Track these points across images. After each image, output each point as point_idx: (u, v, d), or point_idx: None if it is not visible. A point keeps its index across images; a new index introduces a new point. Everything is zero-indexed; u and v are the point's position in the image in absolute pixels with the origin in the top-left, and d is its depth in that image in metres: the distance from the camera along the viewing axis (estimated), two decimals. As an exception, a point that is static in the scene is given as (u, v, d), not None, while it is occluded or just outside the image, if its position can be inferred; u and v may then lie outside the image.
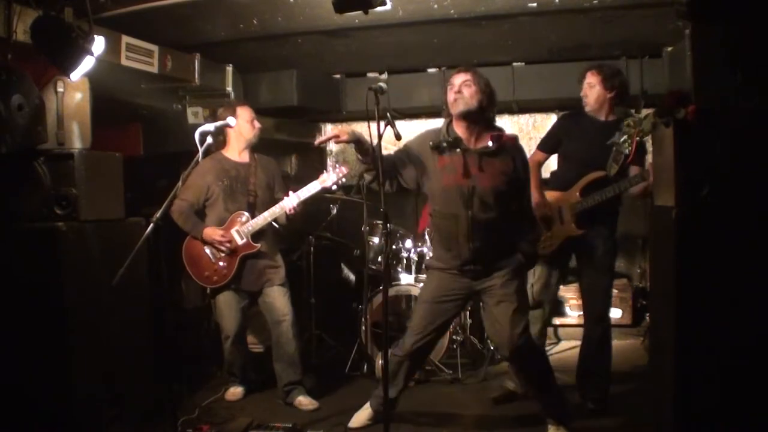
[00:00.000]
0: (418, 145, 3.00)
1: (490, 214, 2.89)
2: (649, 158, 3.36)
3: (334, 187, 3.62)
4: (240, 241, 3.58)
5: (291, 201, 3.53)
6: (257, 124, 3.71)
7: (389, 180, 2.94)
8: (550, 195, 3.54)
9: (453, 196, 2.89)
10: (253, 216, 3.59)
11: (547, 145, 3.63)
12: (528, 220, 3.10)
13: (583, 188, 3.41)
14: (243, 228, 3.58)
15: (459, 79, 2.92)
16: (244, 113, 3.65)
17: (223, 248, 3.57)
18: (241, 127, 3.63)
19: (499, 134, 2.94)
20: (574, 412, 3.24)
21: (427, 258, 3.25)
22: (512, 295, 2.95)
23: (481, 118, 2.93)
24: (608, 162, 3.34)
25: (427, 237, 4.21)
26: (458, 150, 2.90)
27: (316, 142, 3.01)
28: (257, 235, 3.60)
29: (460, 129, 2.94)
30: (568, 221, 3.44)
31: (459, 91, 2.88)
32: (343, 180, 3.55)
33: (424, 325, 3.06)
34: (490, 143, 2.91)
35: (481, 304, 3.16)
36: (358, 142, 2.77)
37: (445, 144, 2.90)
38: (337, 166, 3.60)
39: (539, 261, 3.53)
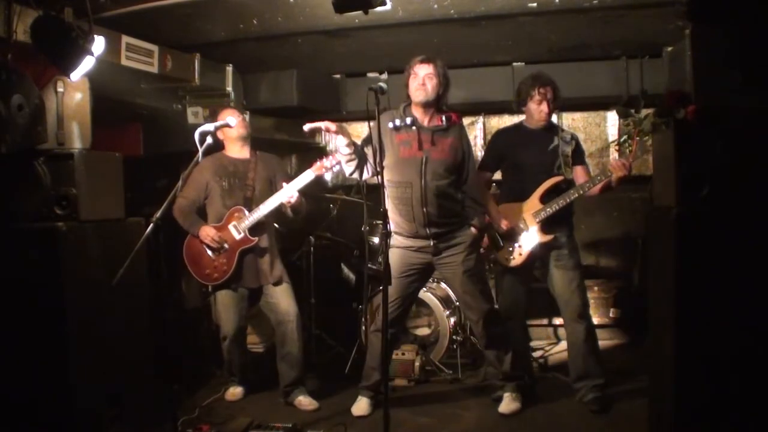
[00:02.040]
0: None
1: (441, 182, 3.27)
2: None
3: (328, 176, 3.61)
4: (237, 236, 3.59)
5: (287, 191, 3.52)
6: (243, 121, 3.69)
7: (364, 166, 3.30)
8: (508, 207, 3.60)
9: (408, 167, 3.26)
10: (250, 210, 3.60)
11: (490, 164, 3.71)
12: (476, 193, 3.42)
13: (542, 195, 3.49)
14: (240, 223, 3.59)
15: (423, 70, 3.27)
16: (224, 114, 3.62)
17: (216, 247, 3.59)
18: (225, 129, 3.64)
19: (449, 115, 3.35)
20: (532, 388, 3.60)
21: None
22: (475, 268, 3.36)
23: (436, 103, 3.33)
24: (558, 166, 3.51)
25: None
26: (413, 128, 3.28)
27: (306, 127, 3.11)
28: (254, 229, 3.60)
29: (417, 111, 3.33)
30: (534, 229, 3.50)
31: (423, 84, 3.25)
32: (336, 167, 3.54)
33: (393, 300, 3.34)
34: (443, 121, 3.32)
35: (442, 276, 3.56)
36: (342, 135, 3.16)
37: (402, 124, 3.30)
38: (330, 155, 3.58)
39: (506, 274, 3.63)
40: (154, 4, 3.24)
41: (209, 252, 3.63)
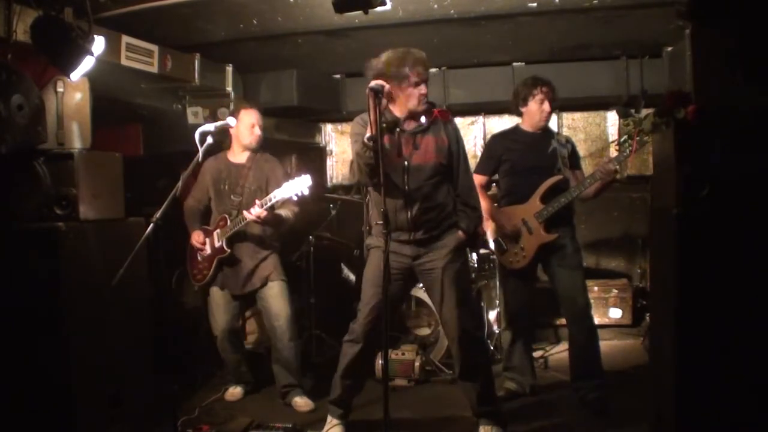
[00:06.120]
0: (361, 129, 3.01)
1: (425, 188, 2.99)
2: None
3: (294, 197, 3.39)
4: (216, 244, 3.63)
5: (254, 211, 3.40)
6: (257, 131, 3.64)
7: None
8: (509, 210, 3.62)
9: (390, 173, 2.92)
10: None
11: (488, 168, 3.69)
12: (469, 197, 3.12)
13: (542, 195, 3.51)
14: (222, 232, 3.60)
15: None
16: (246, 117, 3.62)
17: (201, 251, 3.68)
18: (240, 131, 3.62)
19: (430, 110, 3.04)
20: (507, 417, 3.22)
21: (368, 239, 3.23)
22: (457, 278, 3.02)
23: None
24: (557, 168, 3.53)
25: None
26: (393, 131, 3.00)
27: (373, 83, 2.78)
28: (231, 241, 3.59)
29: (395, 110, 3.02)
30: (537, 230, 3.51)
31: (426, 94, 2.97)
32: (304, 192, 3.33)
33: (372, 306, 3.09)
34: (422, 119, 3.02)
35: (423, 285, 3.18)
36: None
37: (384, 125, 2.91)
38: (301, 174, 3.39)
39: (511, 277, 3.62)
40: (154, 4, 3.24)
41: (198, 254, 3.70)
